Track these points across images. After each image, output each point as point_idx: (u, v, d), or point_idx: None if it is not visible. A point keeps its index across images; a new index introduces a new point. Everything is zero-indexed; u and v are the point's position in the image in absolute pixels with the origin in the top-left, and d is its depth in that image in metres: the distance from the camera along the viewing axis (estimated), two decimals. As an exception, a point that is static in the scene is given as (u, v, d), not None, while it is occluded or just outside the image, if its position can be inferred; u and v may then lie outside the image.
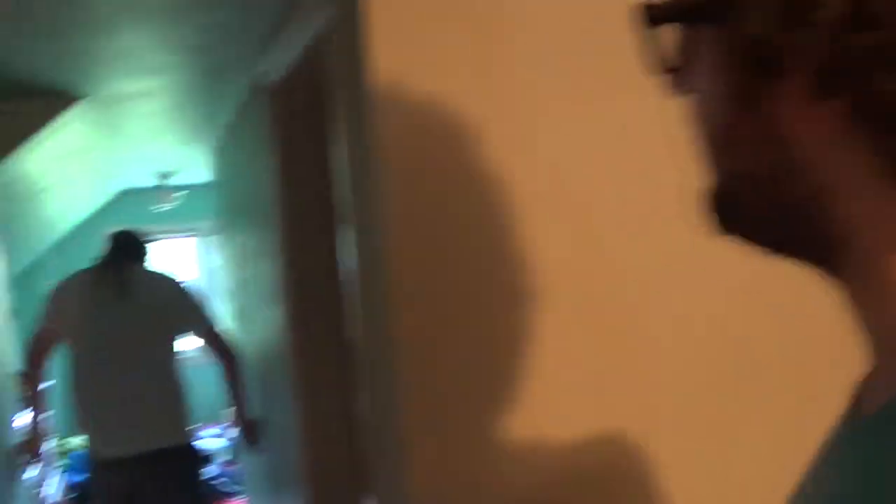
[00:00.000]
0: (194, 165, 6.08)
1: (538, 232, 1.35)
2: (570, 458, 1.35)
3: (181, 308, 3.58)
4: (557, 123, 1.36)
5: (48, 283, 6.81)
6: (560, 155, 1.36)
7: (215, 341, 3.65)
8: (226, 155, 4.39)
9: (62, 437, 6.87)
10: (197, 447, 3.64)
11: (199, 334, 3.63)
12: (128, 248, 3.69)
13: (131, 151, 5.30)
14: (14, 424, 3.67)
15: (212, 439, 7.01)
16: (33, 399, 3.54)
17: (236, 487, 6.14)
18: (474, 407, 1.35)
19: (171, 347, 3.51)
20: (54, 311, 3.53)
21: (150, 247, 3.85)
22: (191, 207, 7.35)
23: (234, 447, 6.46)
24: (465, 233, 1.34)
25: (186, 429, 3.50)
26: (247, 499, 5.37)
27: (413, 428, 1.34)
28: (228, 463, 6.63)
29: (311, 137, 2.55)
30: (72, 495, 5.79)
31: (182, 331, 3.58)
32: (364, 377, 1.66)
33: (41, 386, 3.55)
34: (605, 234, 1.38)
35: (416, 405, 1.34)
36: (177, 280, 3.69)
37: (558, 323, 1.35)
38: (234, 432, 3.87)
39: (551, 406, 1.35)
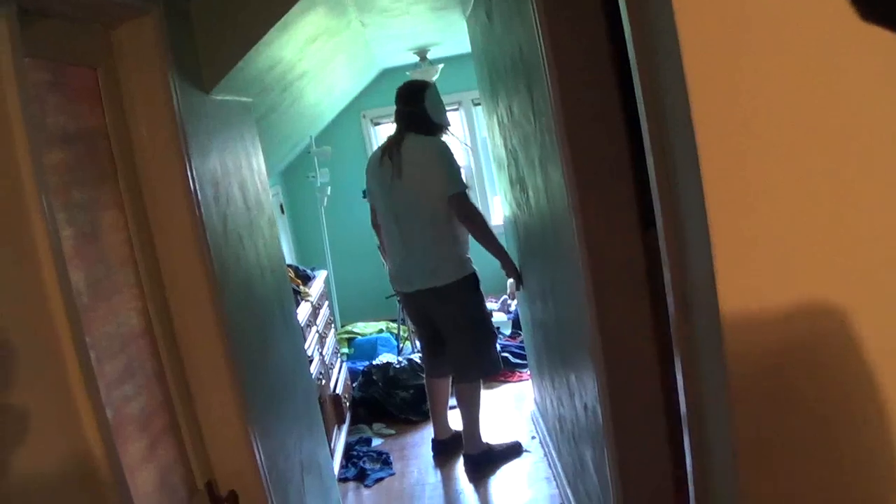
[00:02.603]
0: (451, 37, 5.90)
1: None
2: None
3: (432, 173, 4.30)
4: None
5: (313, 175, 7.08)
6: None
7: (455, 205, 4.27)
8: (482, 18, 4.15)
9: (344, 326, 7.14)
10: (467, 281, 4.45)
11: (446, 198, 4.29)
12: (405, 112, 4.48)
13: (385, 28, 5.18)
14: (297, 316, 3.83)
15: (494, 313, 7.01)
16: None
17: (519, 361, 6.11)
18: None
19: (436, 207, 4.30)
20: (368, 191, 4.70)
21: (424, 95, 4.47)
22: (452, 80, 7.20)
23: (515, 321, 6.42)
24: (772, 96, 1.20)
25: (454, 271, 4.39)
26: (530, 372, 5.31)
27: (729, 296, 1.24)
28: (512, 336, 6.61)
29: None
30: (355, 382, 5.95)
31: (435, 192, 4.29)
32: (667, 240, 1.49)
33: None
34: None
35: (730, 264, 1.24)
36: (433, 145, 4.38)
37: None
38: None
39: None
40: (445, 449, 4.94)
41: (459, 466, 4.81)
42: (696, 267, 1.34)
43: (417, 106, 4.43)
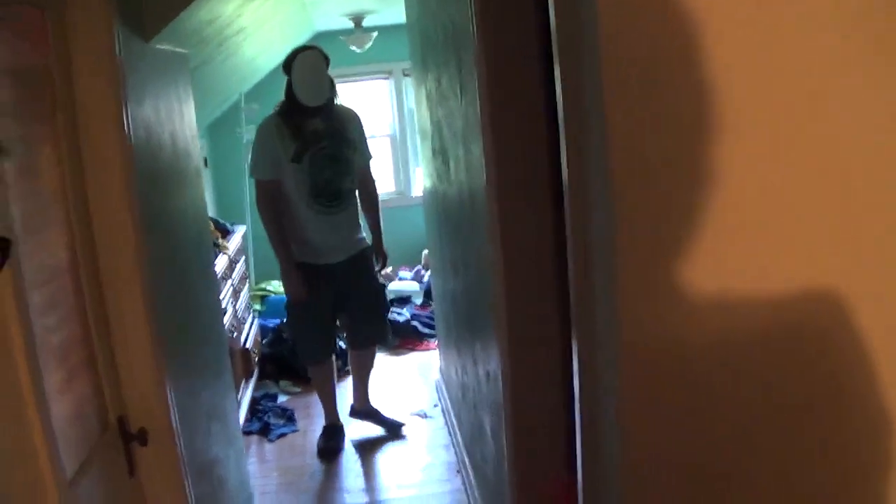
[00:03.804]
0: (387, 5, 5.95)
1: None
2: (770, 315, 1.27)
3: None
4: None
5: (240, 130, 7.07)
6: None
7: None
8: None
9: (258, 283, 7.17)
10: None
11: None
12: None
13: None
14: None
15: (406, 282, 7.12)
16: None
17: (428, 330, 6.24)
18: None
19: None
20: None
21: (291, 66, 4.29)
22: (385, 49, 7.24)
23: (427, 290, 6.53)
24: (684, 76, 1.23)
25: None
26: (438, 341, 5.45)
27: (628, 275, 1.28)
28: (422, 306, 6.74)
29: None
30: (265, 339, 6.05)
31: None
32: (573, 216, 1.52)
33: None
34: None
35: (631, 247, 1.27)
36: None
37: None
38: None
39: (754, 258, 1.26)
40: (355, 414, 5.01)
41: (361, 427, 4.94)
42: (599, 246, 1.38)
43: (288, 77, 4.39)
